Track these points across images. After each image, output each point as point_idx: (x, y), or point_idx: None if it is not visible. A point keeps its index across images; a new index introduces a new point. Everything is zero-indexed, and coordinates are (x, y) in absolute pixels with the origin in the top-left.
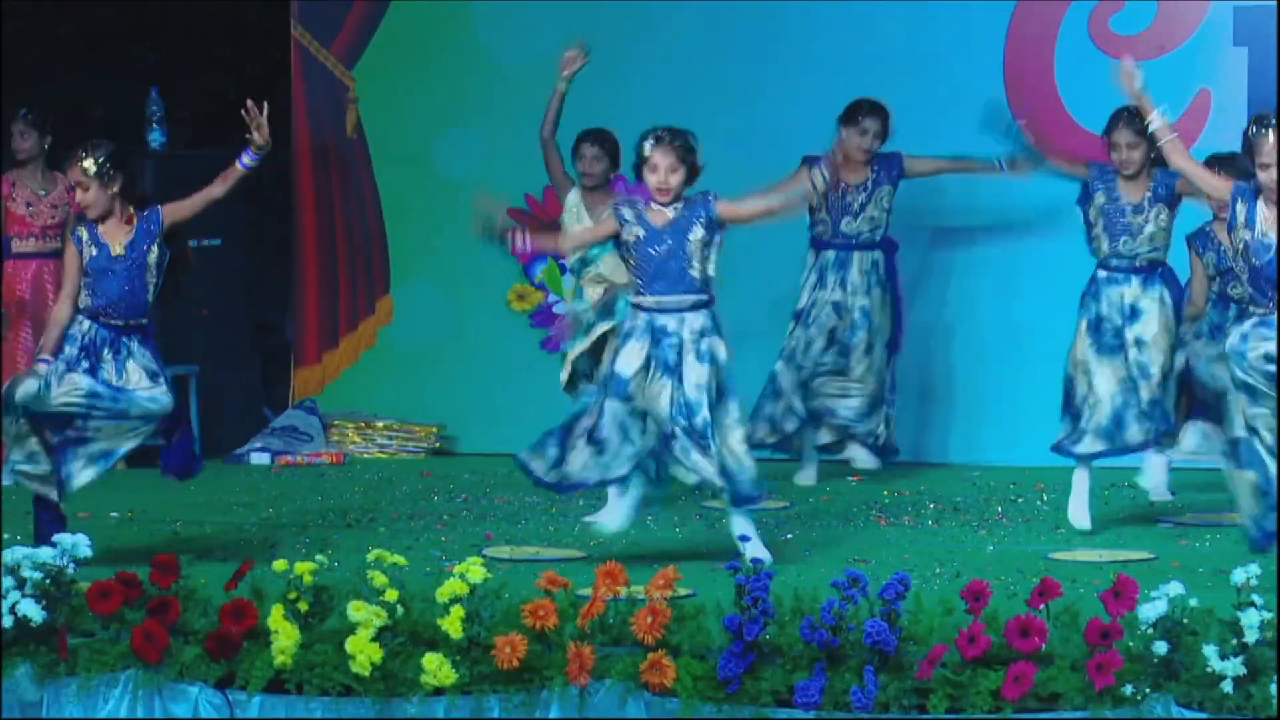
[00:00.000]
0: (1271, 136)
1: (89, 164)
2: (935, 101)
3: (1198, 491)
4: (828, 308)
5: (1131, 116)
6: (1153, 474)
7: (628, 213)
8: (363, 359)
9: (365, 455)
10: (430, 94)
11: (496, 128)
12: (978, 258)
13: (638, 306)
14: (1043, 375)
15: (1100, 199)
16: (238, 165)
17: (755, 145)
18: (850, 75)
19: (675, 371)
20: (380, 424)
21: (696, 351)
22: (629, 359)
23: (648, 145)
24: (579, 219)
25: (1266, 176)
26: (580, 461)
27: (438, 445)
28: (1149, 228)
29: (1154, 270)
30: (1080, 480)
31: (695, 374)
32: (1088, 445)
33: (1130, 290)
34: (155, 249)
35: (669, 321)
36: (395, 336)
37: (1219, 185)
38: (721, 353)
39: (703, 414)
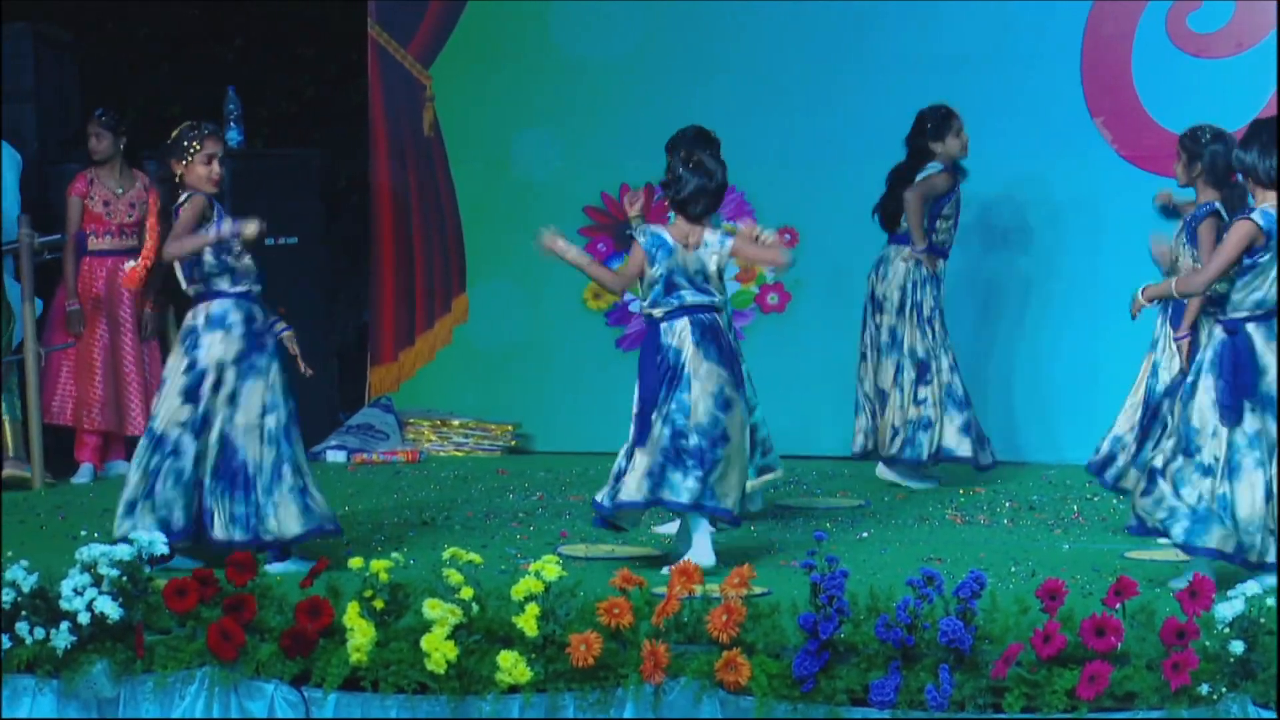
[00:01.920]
0: None
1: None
2: (1014, 100)
3: None
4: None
5: (1188, 132)
6: None
7: None
8: (439, 357)
9: (441, 453)
10: (507, 93)
11: (573, 127)
12: (1057, 257)
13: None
14: (1120, 374)
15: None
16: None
17: (834, 144)
18: (928, 75)
19: None
20: (456, 422)
21: None
22: None
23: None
24: None
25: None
26: None
27: (513, 443)
28: (1179, 258)
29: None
30: None
31: None
32: None
33: (1160, 326)
34: None
35: None
36: (471, 335)
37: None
38: None
39: None
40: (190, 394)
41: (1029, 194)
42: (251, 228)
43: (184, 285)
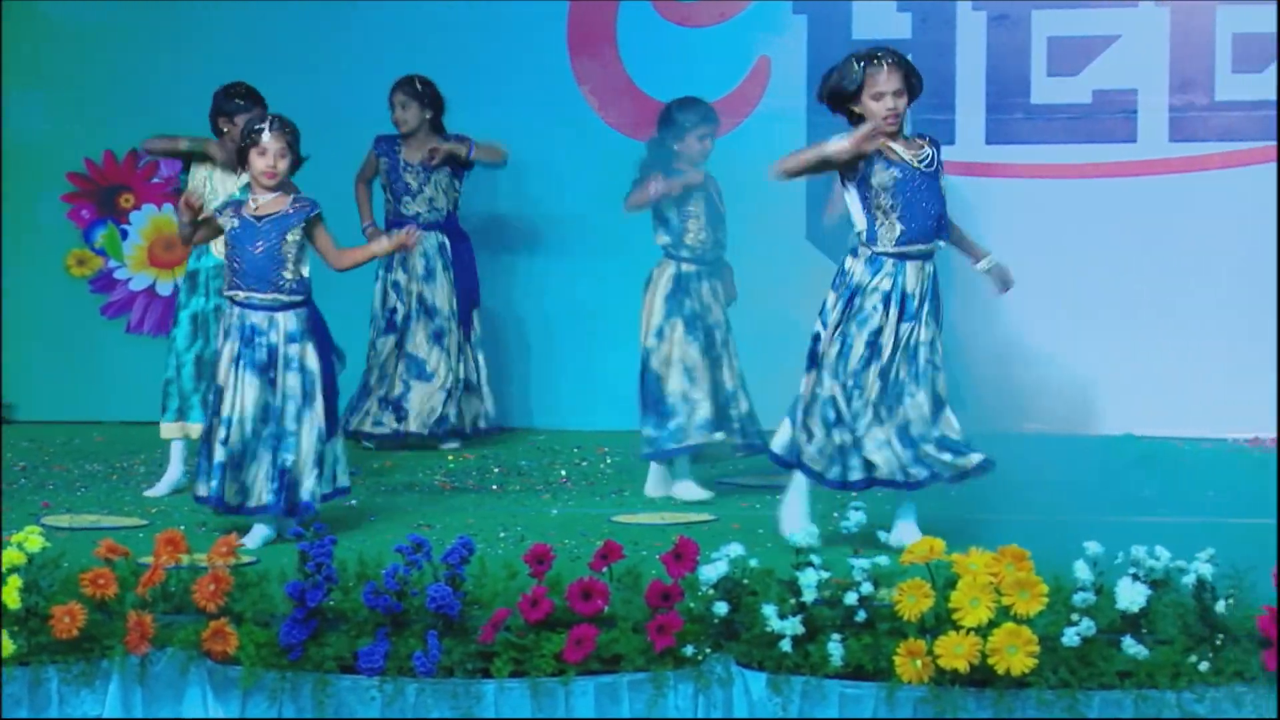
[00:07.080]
0: (885, 68)
1: None
2: (505, 68)
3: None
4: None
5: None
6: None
7: (229, 211)
8: None
9: None
10: None
11: (57, 90)
12: (561, 224)
13: (231, 301)
14: (615, 334)
15: None
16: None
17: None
18: (412, 43)
19: (266, 374)
20: None
21: (285, 357)
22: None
23: (260, 128)
24: None
25: (879, 106)
26: None
27: None
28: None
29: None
30: None
31: (287, 381)
32: None
33: None
34: None
35: (260, 320)
36: None
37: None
38: (311, 360)
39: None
40: None
41: (527, 159)
42: None
43: None
